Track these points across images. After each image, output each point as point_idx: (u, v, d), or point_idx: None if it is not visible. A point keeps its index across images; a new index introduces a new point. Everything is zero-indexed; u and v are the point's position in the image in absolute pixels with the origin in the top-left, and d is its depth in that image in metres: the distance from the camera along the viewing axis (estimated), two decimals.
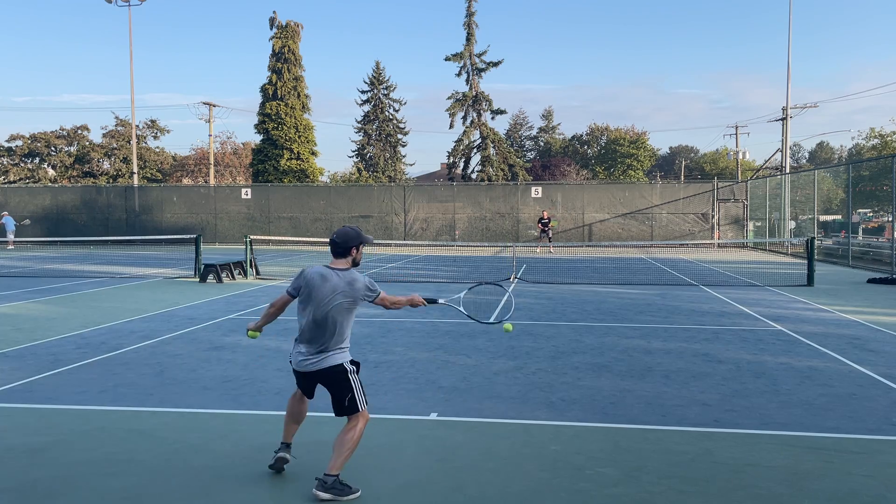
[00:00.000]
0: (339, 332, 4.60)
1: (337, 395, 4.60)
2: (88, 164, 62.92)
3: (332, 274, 4.62)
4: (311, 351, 4.58)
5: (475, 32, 48.94)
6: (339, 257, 4.73)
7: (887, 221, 30.76)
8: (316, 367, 4.57)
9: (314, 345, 4.58)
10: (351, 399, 4.57)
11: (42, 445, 5.46)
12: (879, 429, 5.85)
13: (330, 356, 4.58)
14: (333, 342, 4.59)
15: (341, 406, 4.60)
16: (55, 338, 9.92)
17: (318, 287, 4.57)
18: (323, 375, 4.60)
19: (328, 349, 4.58)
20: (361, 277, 4.70)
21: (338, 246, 4.69)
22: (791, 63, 51.78)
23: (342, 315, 4.59)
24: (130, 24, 43.32)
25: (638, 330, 10.54)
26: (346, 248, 4.71)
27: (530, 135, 77.82)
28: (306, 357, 4.59)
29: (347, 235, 4.71)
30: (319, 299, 4.55)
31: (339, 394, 4.58)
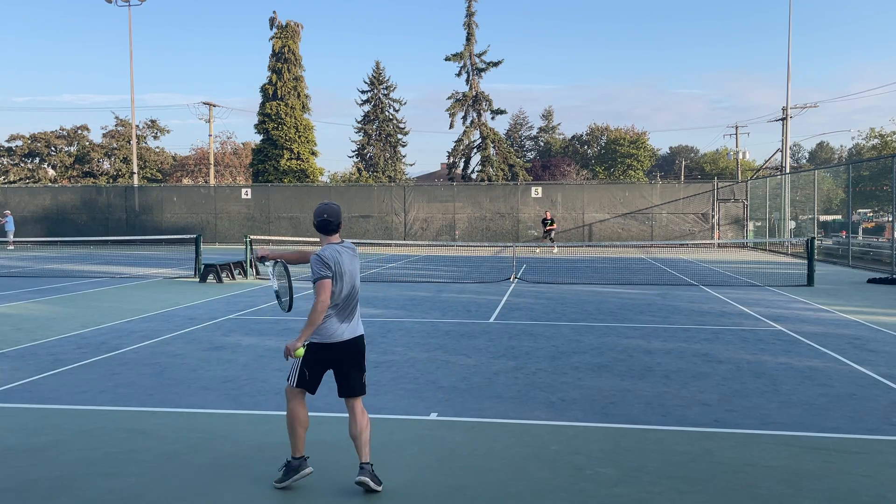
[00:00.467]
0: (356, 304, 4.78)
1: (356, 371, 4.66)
2: (88, 164, 62.92)
3: (344, 250, 4.71)
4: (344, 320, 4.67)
5: (475, 32, 48.96)
6: (335, 233, 4.78)
7: (887, 221, 30.76)
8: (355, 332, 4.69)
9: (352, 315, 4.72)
10: (363, 378, 4.71)
11: (42, 445, 5.47)
12: (879, 429, 5.86)
13: (358, 324, 4.76)
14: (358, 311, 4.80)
15: (357, 384, 4.65)
16: (55, 338, 9.92)
17: (347, 263, 4.67)
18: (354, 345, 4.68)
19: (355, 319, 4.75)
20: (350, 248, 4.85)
21: (332, 223, 4.73)
22: (791, 63, 51.76)
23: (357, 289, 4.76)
24: (130, 24, 43.35)
25: (638, 330, 10.54)
26: (339, 222, 4.78)
27: (530, 135, 77.89)
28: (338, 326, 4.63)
29: (336, 211, 4.77)
30: (352, 273, 4.70)
31: (359, 368, 4.68)
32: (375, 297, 14.53)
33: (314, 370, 4.63)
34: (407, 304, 13.44)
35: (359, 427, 4.57)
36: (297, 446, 4.65)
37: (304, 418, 4.65)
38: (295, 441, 4.64)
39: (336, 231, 4.77)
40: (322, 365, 4.65)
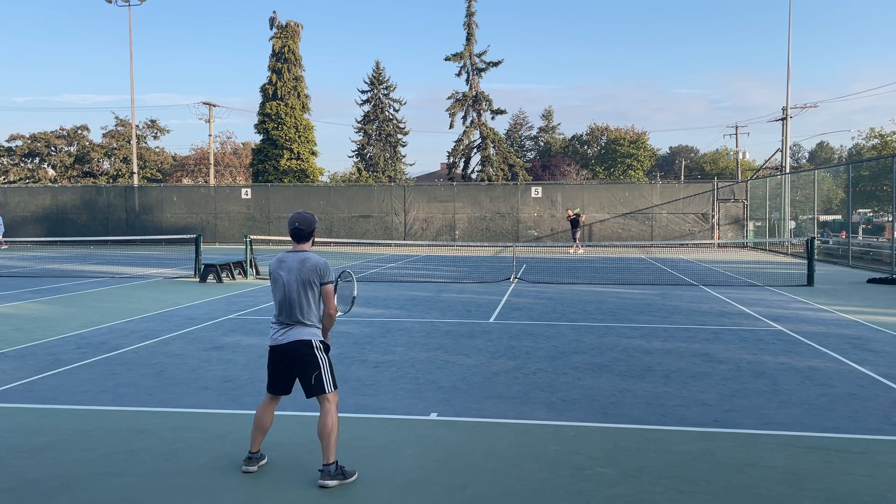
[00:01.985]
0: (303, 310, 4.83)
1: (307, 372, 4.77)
2: (88, 164, 62.91)
3: (288, 257, 4.89)
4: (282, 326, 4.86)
5: (475, 32, 48.91)
6: (304, 241, 4.95)
7: (887, 221, 30.74)
8: (287, 339, 4.80)
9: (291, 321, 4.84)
10: (318, 377, 4.75)
11: (42, 445, 5.46)
12: (879, 429, 5.85)
13: (297, 330, 4.81)
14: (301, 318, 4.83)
15: (309, 385, 4.77)
16: (55, 338, 9.92)
17: (284, 272, 4.86)
18: (291, 350, 4.80)
19: (294, 325, 4.83)
20: (317, 257, 4.93)
21: (302, 232, 4.91)
22: (791, 63, 51.77)
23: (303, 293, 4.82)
24: (130, 24, 43.34)
25: (638, 330, 10.54)
26: (310, 231, 4.95)
27: (530, 135, 77.88)
28: (277, 331, 4.86)
29: (308, 221, 4.94)
30: (287, 282, 4.84)
31: (308, 370, 4.77)
32: (375, 297, 14.53)
33: (271, 372, 4.96)
34: (407, 304, 13.43)
35: (321, 430, 4.71)
36: (253, 441, 4.97)
37: (263, 419, 4.94)
38: (252, 437, 4.98)
39: (298, 240, 4.92)
40: (275, 367, 4.91)
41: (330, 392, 4.75)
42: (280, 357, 4.84)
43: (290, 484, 4.72)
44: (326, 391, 4.74)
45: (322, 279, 4.79)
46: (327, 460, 4.66)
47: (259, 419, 4.94)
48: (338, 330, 10.49)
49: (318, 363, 4.75)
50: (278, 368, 4.89)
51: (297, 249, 4.90)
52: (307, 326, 4.81)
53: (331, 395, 4.75)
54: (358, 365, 8.18)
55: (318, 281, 4.79)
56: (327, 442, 4.66)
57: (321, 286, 4.81)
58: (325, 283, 4.81)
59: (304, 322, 4.79)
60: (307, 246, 4.94)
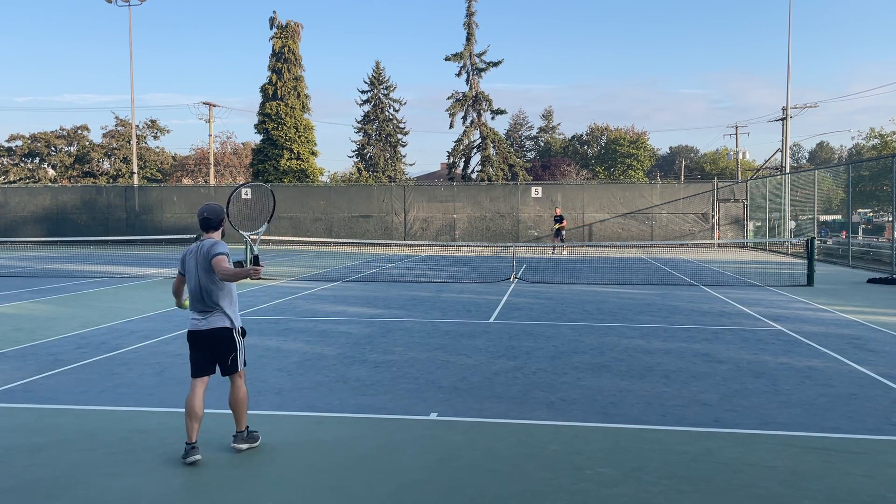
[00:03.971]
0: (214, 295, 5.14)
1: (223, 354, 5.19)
2: (88, 164, 62.92)
3: (195, 246, 5.24)
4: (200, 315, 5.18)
5: (475, 32, 48.91)
6: (213, 230, 5.29)
7: (887, 221, 30.75)
8: (208, 325, 5.13)
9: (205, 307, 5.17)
10: (233, 358, 5.21)
11: (42, 445, 5.46)
12: (879, 429, 5.85)
13: (216, 317, 5.14)
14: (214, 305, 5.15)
15: (225, 365, 5.20)
16: (55, 338, 9.92)
17: (190, 260, 5.23)
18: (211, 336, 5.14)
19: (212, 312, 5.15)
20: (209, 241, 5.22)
21: (210, 221, 5.27)
22: (791, 63, 51.79)
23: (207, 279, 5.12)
24: (130, 24, 43.35)
25: (638, 330, 10.54)
26: (219, 221, 5.31)
27: (530, 135, 77.88)
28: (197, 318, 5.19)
29: (216, 211, 5.29)
30: (191, 269, 5.22)
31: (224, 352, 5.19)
32: (376, 296, 14.53)
33: (192, 355, 5.23)
34: (407, 304, 13.43)
35: (234, 401, 5.23)
36: (190, 432, 5.12)
37: (192, 407, 5.11)
38: (188, 427, 5.12)
39: (206, 229, 5.27)
40: (198, 351, 5.19)
41: (241, 368, 5.26)
42: (199, 341, 5.16)
43: (291, 485, 4.72)
44: (239, 368, 5.23)
45: (211, 253, 5.05)
46: (240, 428, 5.24)
47: (191, 407, 5.11)
48: (338, 330, 10.49)
49: (234, 347, 5.19)
50: (199, 351, 5.18)
51: (205, 238, 5.25)
52: (223, 313, 5.14)
53: (241, 370, 5.25)
54: (358, 365, 8.18)
55: (209, 257, 5.06)
56: (240, 411, 5.22)
57: (211, 259, 5.05)
58: (213, 255, 5.05)
59: (218, 307, 5.13)
60: (215, 235, 5.26)
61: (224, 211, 5.35)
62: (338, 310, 12.64)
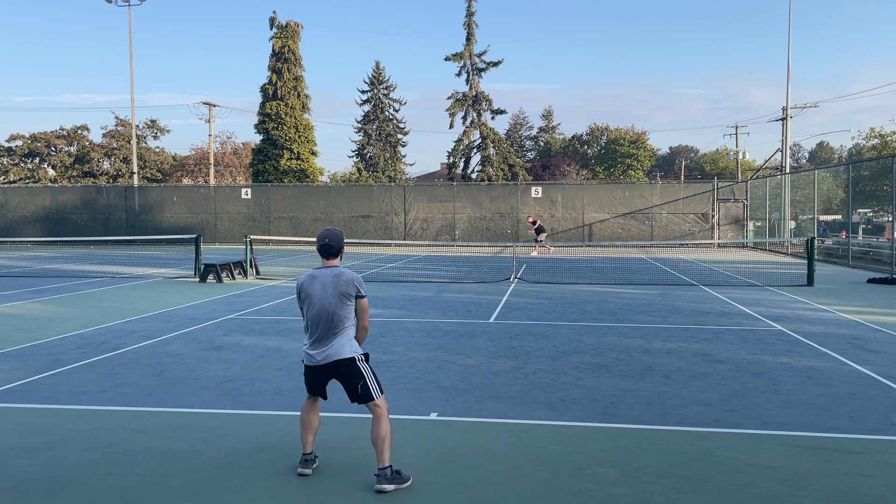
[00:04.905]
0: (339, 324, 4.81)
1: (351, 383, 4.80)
2: (88, 164, 62.93)
3: (320, 272, 4.90)
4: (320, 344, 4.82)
5: (475, 32, 48.92)
6: (333, 257, 4.97)
7: (887, 221, 30.75)
8: (327, 359, 4.79)
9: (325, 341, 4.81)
10: (364, 385, 4.76)
11: (42, 445, 5.46)
12: (879, 429, 5.85)
13: (336, 348, 4.78)
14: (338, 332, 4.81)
15: (356, 394, 4.79)
16: (55, 338, 9.92)
17: (317, 288, 4.85)
18: (334, 369, 4.80)
19: (331, 343, 4.80)
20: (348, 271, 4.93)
21: (332, 248, 4.94)
22: (791, 63, 51.77)
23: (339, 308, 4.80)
24: (130, 24, 43.35)
25: (638, 330, 10.54)
26: (340, 248, 4.98)
27: (530, 135, 77.87)
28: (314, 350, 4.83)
29: (337, 237, 4.98)
30: (320, 297, 4.83)
31: (352, 381, 4.78)
32: (376, 297, 14.53)
33: (308, 383, 4.95)
34: (407, 304, 13.43)
35: (375, 436, 4.72)
36: (304, 442, 4.98)
37: (306, 419, 4.98)
38: (302, 438, 4.99)
39: (326, 256, 4.93)
40: (312, 381, 4.91)
41: (378, 398, 4.75)
42: (320, 374, 4.85)
43: (291, 484, 4.72)
44: (374, 398, 4.74)
45: (359, 292, 4.82)
46: (382, 464, 4.67)
47: (305, 420, 4.97)
48: None
49: (362, 374, 4.77)
50: (314, 381, 4.90)
51: (328, 265, 4.92)
52: (346, 341, 4.80)
53: (379, 400, 4.75)
54: None
55: (358, 293, 4.81)
56: (381, 447, 4.68)
57: (357, 300, 4.83)
58: (362, 296, 4.86)
59: (342, 336, 4.80)
60: (336, 262, 4.96)
61: (343, 236, 5.03)
62: None
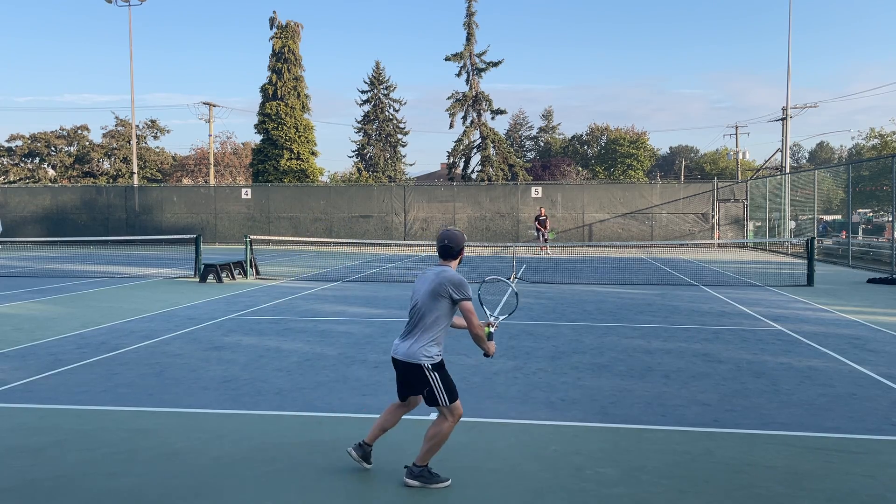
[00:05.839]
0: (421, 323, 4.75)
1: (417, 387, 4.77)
2: (88, 164, 62.91)
3: (430, 269, 4.88)
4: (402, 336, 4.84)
5: (475, 32, 48.89)
6: (451, 259, 4.89)
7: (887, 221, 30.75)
8: (399, 352, 4.78)
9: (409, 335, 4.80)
10: (430, 393, 4.69)
11: (42, 445, 5.46)
12: (879, 429, 5.85)
13: (409, 346, 4.73)
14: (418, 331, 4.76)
15: (424, 398, 4.77)
16: (55, 338, 9.92)
17: (418, 283, 4.88)
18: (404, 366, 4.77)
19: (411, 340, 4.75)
20: (452, 271, 4.79)
21: (451, 249, 4.86)
22: (791, 63, 51.77)
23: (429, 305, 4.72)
24: (130, 24, 43.35)
25: (638, 330, 10.54)
26: (459, 250, 4.89)
27: (530, 135, 77.85)
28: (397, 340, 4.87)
29: (457, 239, 4.88)
30: (416, 292, 4.86)
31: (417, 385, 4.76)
32: (376, 297, 14.53)
33: (397, 382, 4.93)
34: (407, 304, 13.39)
35: (427, 432, 4.75)
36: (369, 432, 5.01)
37: (385, 418, 4.99)
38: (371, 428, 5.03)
39: (444, 257, 4.87)
40: (397, 376, 4.89)
41: (445, 406, 4.66)
42: (397, 368, 4.83)
43: (291, 484, 4.72)
44: (440, 404, 4.67)
45: (459, 294, 4.65)
46: (418, 461, 4.69)
47: (383, 414, 5.00)
48: (338, 330, 10.49)
49: (428, 382, 4.68)
50: (398, 378, 4.88)
51: (440, 265, 4.84)
52: (421, 345, 4.70)
53: (446, 408, 4.67)
54: (358, 365, 8.18)
55: (453, 296, 4.65)
56: (426, 445, 4.69)
57: (458, 302, 4.67)
58: (462, 299, 4.66)
59: (420, 337, 4.71)
60: (452, 264, 4.87)
61: (465, 239, 4.91)
62: (338, 310, 12.64)
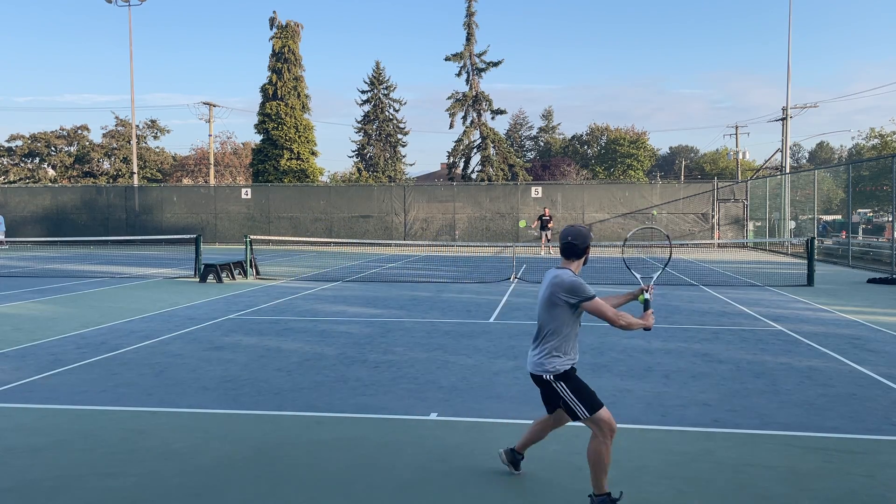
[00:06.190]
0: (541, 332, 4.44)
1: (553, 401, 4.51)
2: (88, 164, 62.90)
3: (550, 271, 4.52)
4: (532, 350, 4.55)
5: (475, 32, 48.94)
6: (575, 258, 4.47)
7: (887, 221, 30.75)
8: (529, 364, 4.53)
9: (535, 346, 4.52)
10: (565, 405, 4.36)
11: (42, 445, 5.46)
12: (879, 429, 5.85)
13: (534, 358, 4.45)
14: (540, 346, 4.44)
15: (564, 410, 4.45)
16: (55, 338, 9.92)
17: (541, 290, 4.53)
18: (534, 378, 4.49)
19: (536, 352, 4.46)
20: (566, 275, 4.37)
21: (575, 248, 4.44)
22: (791, 63, 51.80)
23: (546, 315, 4.40)
24: (130, 24, 43.36)
25: (638, 330, 10.52)
26: (584, 248, 4.46)
27: (530, 135, 77.85)
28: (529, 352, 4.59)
29: (583, 236, 4.46)
30: (539, 300, 4.51)
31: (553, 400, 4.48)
32: (376, 297, 14.53)
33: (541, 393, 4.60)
34: (407, 304, 13.43)
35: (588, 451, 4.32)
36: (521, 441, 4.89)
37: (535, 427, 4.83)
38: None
39: (568, 255, 4.46)
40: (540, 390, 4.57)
41: (586, 418, 4.27)
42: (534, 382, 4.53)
43: (291, 484, 4.72)
44: (581, 417, 4.29)
45: (576, 298, 4.27)
46: (595, 490, 4.28)
47: (532, 425, 4.83)
48: (338, 330, 10.49)
49: (558, 395, 4.35)
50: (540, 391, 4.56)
51: (562, 266, 4.46)
52: (543, 355, 4.38)
53: (588, 421, 4.28)
54: (358, 365, 8.18)
55: (569, 301, 4.28)
56: (591, 472, 4.28)
57: (579, 306, 4.31)
58: (582, 301, 4.28)
59: (543, 347, 4.39)
60: (574, 264, 4.45)
61: (591, 237, 4.49)
62: (338, 310, 12.64)
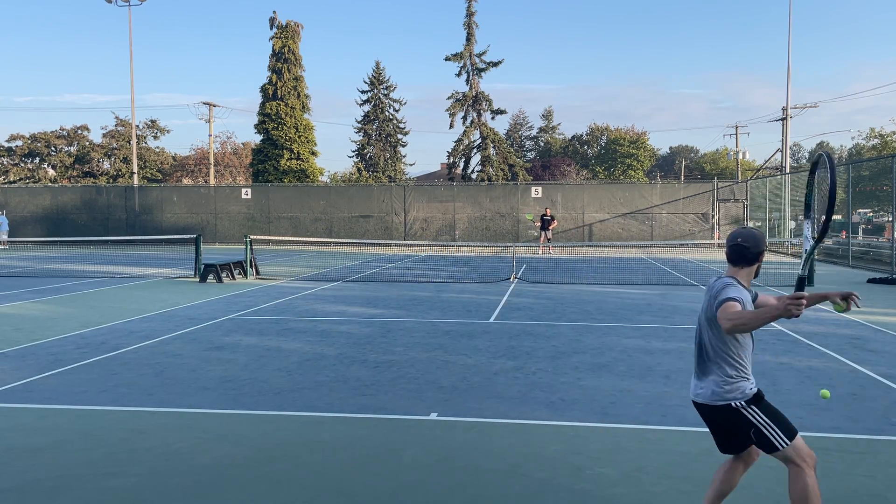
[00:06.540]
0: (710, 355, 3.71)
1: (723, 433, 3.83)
2: (88, 164, 62.89)
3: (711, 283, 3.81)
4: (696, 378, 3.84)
5: (475, 32, 48.92)
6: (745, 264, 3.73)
7: (887, 221, 30.75)
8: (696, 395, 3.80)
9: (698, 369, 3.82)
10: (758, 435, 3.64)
11: (42, 445, 5.46)
12: (879, 429, 5.85)
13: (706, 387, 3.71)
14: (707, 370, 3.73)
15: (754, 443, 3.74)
16: (55, 338, 9.92)
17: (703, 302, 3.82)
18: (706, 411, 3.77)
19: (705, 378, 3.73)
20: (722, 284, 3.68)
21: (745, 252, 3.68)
22: (791, 63, 51.79)
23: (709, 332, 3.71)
24: (130, 24, 43.35)
25: (638, 330, 10.54)
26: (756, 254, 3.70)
27: (530, 135, 77.85)
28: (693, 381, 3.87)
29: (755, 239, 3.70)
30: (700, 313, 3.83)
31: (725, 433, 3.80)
32: (376, 297, 14.53)
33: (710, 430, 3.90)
34: (407, 304, 13.43)
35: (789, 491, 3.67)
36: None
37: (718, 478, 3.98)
38: None
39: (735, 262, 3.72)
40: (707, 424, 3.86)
41: (785, 447, 3.58)
42: (702, 414, 3.81)
43: (291, 484, 4.72)
44: (779, 448, 3.59)
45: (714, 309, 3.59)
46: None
47: (715, 478, 3.97)
48: (338, 330, 10.49)
49: (749, 422, 3.63)
50: (709, 426, 3.86)
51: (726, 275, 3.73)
52: (716, 384, 3.66)
53: (789, 449, 3.59)
54: (358, 365, 8.18)
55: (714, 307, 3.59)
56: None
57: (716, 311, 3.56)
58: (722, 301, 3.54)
59: (716, 371, 3.67)
60: (744, 272, 3.71)
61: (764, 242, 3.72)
62: (338, 310, 12.64)
